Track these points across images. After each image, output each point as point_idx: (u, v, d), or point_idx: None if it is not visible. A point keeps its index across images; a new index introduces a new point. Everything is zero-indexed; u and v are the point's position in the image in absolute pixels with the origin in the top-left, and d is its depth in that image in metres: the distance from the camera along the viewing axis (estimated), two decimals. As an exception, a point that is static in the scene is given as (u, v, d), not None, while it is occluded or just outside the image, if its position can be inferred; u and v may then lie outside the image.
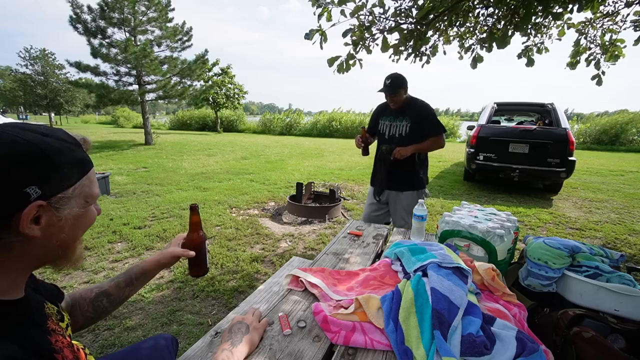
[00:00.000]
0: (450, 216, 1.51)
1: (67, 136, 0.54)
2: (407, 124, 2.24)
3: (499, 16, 2.65)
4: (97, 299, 0.82)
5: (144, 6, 10.29)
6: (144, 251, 2.85)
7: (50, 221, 0.50)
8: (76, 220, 0.54)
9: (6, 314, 0.49)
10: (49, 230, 0.51)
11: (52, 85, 24.68)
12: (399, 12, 2.58)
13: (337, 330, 0.86)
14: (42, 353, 0.49)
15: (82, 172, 0.54)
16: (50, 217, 0.50)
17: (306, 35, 2.29)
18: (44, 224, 0.49)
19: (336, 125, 18.17)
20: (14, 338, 0.46)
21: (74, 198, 0.53)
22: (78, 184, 0.53)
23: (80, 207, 0.54)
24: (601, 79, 2.87)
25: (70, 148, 0.52)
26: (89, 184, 0.56)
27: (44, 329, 0.54)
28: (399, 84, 2.16)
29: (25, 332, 0.49)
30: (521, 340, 0.77)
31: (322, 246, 3.03)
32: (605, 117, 14.76)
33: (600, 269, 1.26)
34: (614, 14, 2.77)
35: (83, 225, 0.57)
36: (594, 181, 6.46)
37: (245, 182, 5.62)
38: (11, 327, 0.48)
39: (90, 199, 0.56)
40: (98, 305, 0.82)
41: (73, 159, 0.52)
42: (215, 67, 18.72)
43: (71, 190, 0.52)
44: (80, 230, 0.57)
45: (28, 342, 0.48)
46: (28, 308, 0.54)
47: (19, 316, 0.51)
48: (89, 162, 0.56)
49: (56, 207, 0.50)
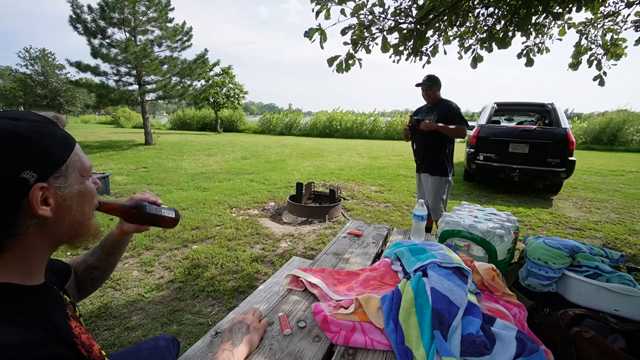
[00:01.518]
0: (450, 216, 1.51)
1: (39, 116, 0.54)
2: (434, 117, 2.70)
3: (499, 16, 2.65)
4: (87, 272, 0.84)
5: (144, 6, 10.29)
6: (144, 251, 2.85)
7: (57, 201, 0.52)
8: (80, 196, 0.56)
9: (29, 298, 0.51)
10: (59, 210, 0.52)
11: (52, 85, 24.70)
12: (399, 11, 2.58)
13: (337, 330, 0.86)
14: (64, 337, 0.50)
15: (69, 148, 0.54)
16: (56, 197, 0.51)
17: (305, 33, 2.28)
18: (53, 204, 0.51)
19: (336, 125, 18.17)
20: (38, 320, 0.48)
21: (70, 175, 0.54)
22: (69, 160, 0.53)
23: (79, 183, 0.56)
24: (603, 79, 2.87)
25: (47, 127, 0.52)
26: (79, 158, 0.56)
27: (65, 314, 0.56)
28: (433, 81, 2.73)
29: (48, 315, 0.51)
30: (521, 340, 0.77)
31: (322, 246, 3.03)
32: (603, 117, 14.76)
33: (600, 269, 1.26)
34: (615, 14, 2.76)
35: (88, 200, 0.59)
36: (594, 181, 6.46)
37: (245, 182, 5.62)
38: (35, 311, 0.50)
39: (85, 173, 0.57)
40: (92, 277, 0.84)
41: (54, 137, 0.52)
42: (215, 67, 18.75)
43: (64, 168, 0.53)
44: (86, 206, 0.58)
45: (51, 326, 0.49)
46: (50, 293, 0.57)
47: (42, 300, 0.53)
48: (70, 137, 0.56)
49: (57, 186, 0.51)
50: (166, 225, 0.84)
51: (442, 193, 2.81)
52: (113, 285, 2.29)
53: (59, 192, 0.52)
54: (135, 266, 2.59)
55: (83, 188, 0.56)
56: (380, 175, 6.65)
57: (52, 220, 0.52)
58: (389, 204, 4.59)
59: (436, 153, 2.77)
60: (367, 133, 17.60)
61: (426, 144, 2.80)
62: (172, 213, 0.85)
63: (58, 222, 0.53)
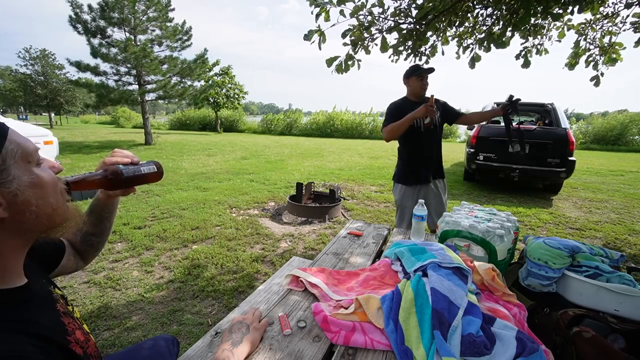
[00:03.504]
0: (450, 216, 1.51)
1: None
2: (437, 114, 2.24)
3: (498, 17, 2.65)
4: (85, 239, 0.82)
5: (144, 6, 10.29)
6: (144, 251, 2.85)
7: (8, 198, 0.47)
8: (34, 186, 0.50)
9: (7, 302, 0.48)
10: (14, 207, 0.47)
11: (52, 85, 24.70)
12: (399, 12, 2.58)
13: (337, 330, 0.86)
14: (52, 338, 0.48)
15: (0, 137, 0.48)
16: (4, 194, 0.46)
17: (305, 36, 2.28)
18: (5, 203, 0.46)
19: (336, 125, 18.18)
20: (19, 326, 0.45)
21: (11, 167, 0.48)
22: (4, 151, 0.47)
23: (29, 173, 0.50)
24: (599, 80, 2.87)
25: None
26: (18, 145, 0.49)
27: (55, 312, 0.53)
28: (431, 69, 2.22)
29: (34, 317, 0.48)
30: (521, 340, 0.77)
31: (322, 246, 3.03)
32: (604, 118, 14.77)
33: (600, 269, 1.26)
34: (614, 15, 2.76)
35: (48, 190, 0.53)
36: (594, 181, 6.46)
37: (245, 182, 5.62)
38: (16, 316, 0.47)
39: (31, 158, 0.51)
40: (91, 243, 0.83)
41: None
42: (215, 67, 18.76)
43: (1, 161, 0.47)
44: (50, 195, 0.52)
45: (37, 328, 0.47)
46: (34, 293, 0.53)
47: (25, 302, 0.50)
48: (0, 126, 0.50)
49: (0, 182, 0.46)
50: (152, 181, 0.79)
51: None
52: (113, 285, 2.29)
53: (5, 188, 0.46)
54: (135, 266, 2.59)
55: (34, 177, 0.50)
56: (380, 175, 6.65)
57: (12, 219, 0.47)
58: (389, 204, 4.59)
59: (441, 153, 2.42)
60: (367, 133, 17.61)
61: (437, 144, 2.35)
62: (152, 167, 0.79)
63: (20, 219, 0.49)
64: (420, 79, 2.20)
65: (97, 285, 2.29)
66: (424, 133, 2.22)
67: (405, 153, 2.35)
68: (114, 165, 0.72)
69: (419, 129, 2.22)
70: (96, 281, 2.33)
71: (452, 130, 17.82)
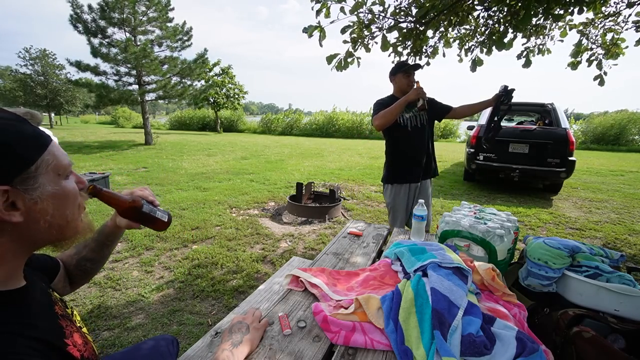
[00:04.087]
0: (450, 216, 1.51)
1: (7, 113, 0.49)
2: (424, 113, 2.22)
3: (499, 18, 2.65)
4: (80, 264, 0.82)
5: (144, 6, 10.29)
6: (144, 251, 2.85)
7: (27, 204, 0.47)
8: (56, 198, 0.51)
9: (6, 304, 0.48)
10: (31, 214, 0.48)
11: (52, 85, 24.70)
12: (399, 10, 2.58)
13: (337, 330, 0.86)
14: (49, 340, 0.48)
15: (40, 147, 0.50)
16: (25, 200, 0.47)
17: (304, 30, 2.26)
18: (23, 208, 0.47)
19: (336, 125, 18.18)
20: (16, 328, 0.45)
21: (41, 176, 0.49)
22: (40, 159, 0.49)
23: (54, 184, 0.51)
24: (603, 79, 2.87)
25: (14, 124, 0.48)
26: (54, 157, 0.51)
27: (53, 315, 0.53)
28: (418, 66, 2.20)
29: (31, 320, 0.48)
30: (521, 340, 0.77)
31: (322, 246, 3.03)
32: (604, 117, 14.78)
33: (600, 269, 1.26)
34: (616, 14, 2.76)
35: (68, 202, 0.54)
36: (594, 181, 6.46)
37: (245, 182, 5.62)
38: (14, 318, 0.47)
39: (62, 171, 0.53)
40: (84, 269, 0.83)
41: (23, 136, 0.48)
42: (215, 67, 18.76)
43: (34, 169, 0.48)
44: (67, 208, 0.54)
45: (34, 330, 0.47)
46: (32, 295, 0.54)
47: (23, 304, 0.50)
48: (44, 136, 0.52)
49: (24, 188, 0.47)
50: (157, 228, 0.83)
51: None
52: (113, 286, 2.29)
53: (28, 194, 0.47)
54: (135, 266, 2.59)
55: (59, 189, 0.52)
56: (380, 175, 6.63)
57: (25, 224, 0.48)
58: (389, 204, 4.59)
59: (433, 150, 2.34)
60: (367, 133, 17.61)
61: (426, 143, 2.27)
62: (165, 217, 0.83)
63: (33, 227, 0.49)
64: (406, 76, 2.16)
65: (97, 285, 2.29)
66: (411, 131, 2.19)
67: (392, 152, 2.30)
68: (140, 198, 0.78)
69: (406, 127, 2.18)
70: (96, 281, 2.33)
71: (452, 130, 17.82)
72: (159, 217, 0.81)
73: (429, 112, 2.23)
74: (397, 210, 2.31)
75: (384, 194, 2.42)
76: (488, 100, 2.11)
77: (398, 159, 2.29)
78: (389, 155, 2.36)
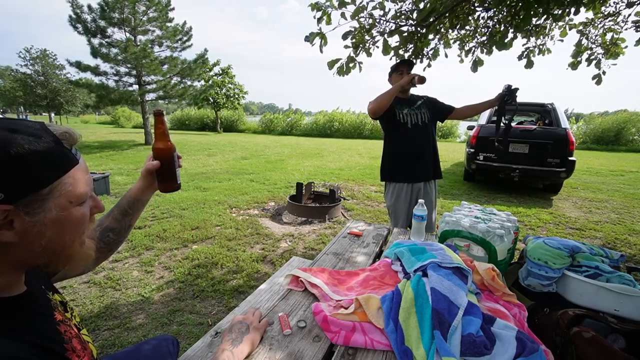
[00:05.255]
0: (450, 216, 1.51)
1: (43, 131, 0.48)
2: (426, 111, 2.21)
3: (499, 19, 2.65)
4: (103, 235, 0.83)
5: (144, 6, 10.29)
6: (144, 251, 2.85)
7: (23, 226, 0.45)
8: (57, 223, 0.49)
9: (5, 310, 0.48)
10: (25, 236, 0.46)
11: (52, 85, 24.71)
12: (399, 14, 2.58)
13: (337, 330, 0.86)
14: (49, 346, 0.48)
15: (60, 170, 0.48)
16: (23, 222, 0.45)
17: (306, 38, 2.27)
18: (19, 228, 0.45)
19: (337, 126, 18.18)
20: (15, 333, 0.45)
21: (51, 200, 0.47)
22: (56, 183, 0.47)
23: (61, 210, 0.49)
24: (601, 78, 2.87)
25: (43, 145, 0.46)
26: (73, 182, 0.49)
27: (52, 320, 0.53)
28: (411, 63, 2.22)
29: (31, 325, 0.48)
30: (521, 340, 0.77)
31: (322, 246, 3.03)
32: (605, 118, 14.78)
33: (600, 269, 1.26)
34: (615, 14, 2.76)
35: (71, 228, 0.52)
36: (594, 181, 6.46)
37: (245, 182, 5.62)
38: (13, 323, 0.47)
39: (75, 199, 0.50)
40: (107, 240, 0.84)
41: (46, 156, 0.46)
42: (215, 67, 18.76)
43: (47, 191, 0.46)
44: (67, 234, 0.51)
45: (33, 336, 0.47)
46: (33, 301, 0.53)
47: (24, 310, 0.50)
48: (70, 159, 0.50)
49: (26, 210, 0.45)
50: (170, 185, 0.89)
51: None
52: (113, 286, 2.29)
53: (28, 217, 0.45)
54: (135, 266, 2.59)
55: (64, 215, 0.49)
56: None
57: (19, 245, 0.46)
58: (389, 204, 4.59)
59: (436, 152, 2.30)
60: (367, 133, 17.61)
61: (428, 142, 2.21)
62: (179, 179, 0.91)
63: (25, 248, 0.47)
64: (399, 75, 2.15)
65: (97, 285, 2.29)
66: (412, 129, 2.16)
67: (393, 150, 2.24)
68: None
69: (406, 124, 2.15)
70: (96, 281, 2.33)
71: (452, 130, 17.82)
72: (177, 174, 0.90)
73: (432, 113, 2.23)
74: (398, 212, 2.26)
75: (385, 195, 2.36)
76: (491, 101, 2.11)
77: (399, 157, 2.23)
78: (388, 154, 2.29)
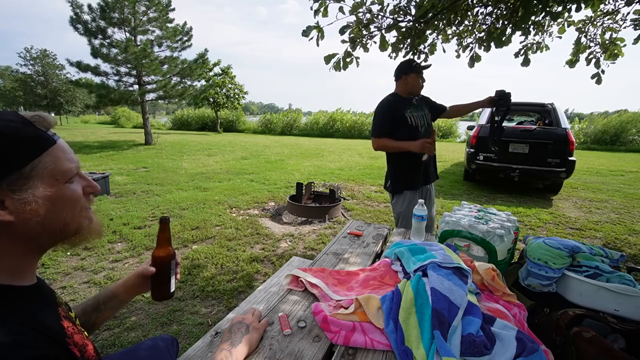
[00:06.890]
0: (450, 216, 1.51)
1: (14, 116, 0.51)
2: (427, 112, 2.18)
3: (498, 15, 2.65)
4: None
5: (144, 6, 10.29)
6: (144, 251, 2.85)
7: (16, 205, 0.48)
8: (50, 201, 0.52)
9: (17, 298, 0.50)
10: (21, 214, 0.49)
11: (52, 85, 24.73)
12: (398, 9, 2.58)
13: (337, 330, 0.86)
14: (54, 337, 0.50)
15: (37, 149, 0.51)
16: (13, 201, 0.48)
17: (304, 32, 2.26)
18: (12, 208, 0.48)
19: (337, 126, 18.18)
20: (26, 320, 0.48)
21: (36, 178, 0.50)
22: (37, 161, 0.50)
23: (49, 186, 0.51)
24: (600, 77, 2.87)
25: (15, 127, 0.49)
26: (54, 160, 0.52)
27: (57, 314, 0.56)
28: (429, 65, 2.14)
29: (38, 315, 0.51)
30: (521, 340, 0.77)
31: (322, 246, 3.03)
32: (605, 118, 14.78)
33: (600, 269, 1.26)
34: (614, 12, 2.76)
35: (66, 205, 0.55)
36: (594, 181, 6.46)
37: (245, 182, 5.62)
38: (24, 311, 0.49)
39: (60, 176, 0.53)
40: None
41: (19, 138, 0.49)
42: (215, 67, 18.76)
43: (28, 169, 0.49)
44: (64, 211, 0.54)
45: (41, 325, 0.49)
46: (41, 293, 0.56)
47: (32, 301, 0.53)
48: (46, 138, 0.52)
49: (12, 188, 0.48)
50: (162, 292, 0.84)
51: None
52: (113, 285, 2.29)
53: (17, 195, 0.48)
54: (135, 266, 2.59)
55: (54, 192, 0.52)
56: (380, 175, 6.64)
57: (18, 224, 0.49)
58: (388, 204, 4.58)
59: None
60: (367, 133, 17.61)
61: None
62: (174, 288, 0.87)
63: (26, 226, 0.50)
64: (419, 76, 2.07)
65: (97, 285, 2.29)
66: (422, 133, 2.10)
67: (407, 157, 2.09)
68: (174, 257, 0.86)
69: (417, 127, 2.07)
70: (96, 281, 2.33)
71: (452, 130, 17.81)
72: (172, 283, 0.86)
73: (430, 112, 2.22)
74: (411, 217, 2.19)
75: (393, 204, 2.22)
76: (482, 101, 2.13)
77: (413, 164, 2.11)
78: (401, 163, 2.14)
